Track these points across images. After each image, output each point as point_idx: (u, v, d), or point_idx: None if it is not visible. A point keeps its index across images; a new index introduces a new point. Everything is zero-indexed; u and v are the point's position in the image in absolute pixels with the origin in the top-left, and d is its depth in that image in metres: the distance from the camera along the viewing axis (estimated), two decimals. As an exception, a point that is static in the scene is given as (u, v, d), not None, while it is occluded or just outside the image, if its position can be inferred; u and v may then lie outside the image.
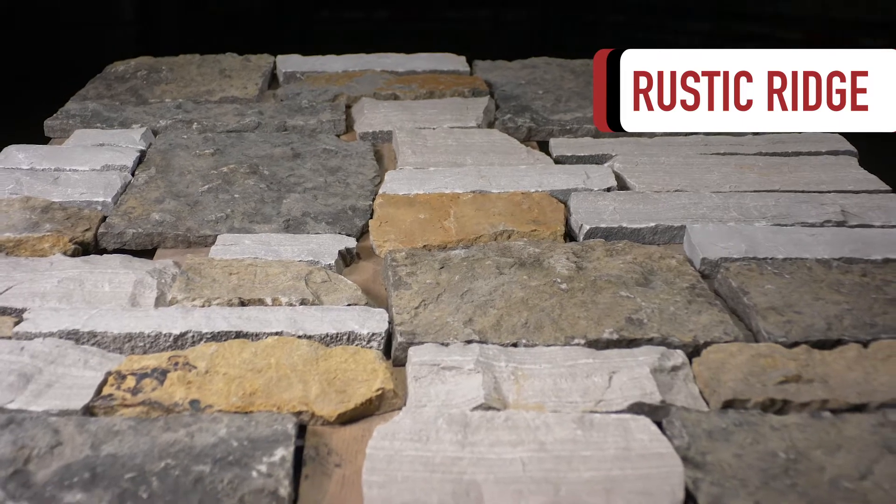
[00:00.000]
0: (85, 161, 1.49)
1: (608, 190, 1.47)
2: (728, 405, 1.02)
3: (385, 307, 1.18)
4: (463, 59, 2.05)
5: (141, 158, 1.55)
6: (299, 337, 1.09)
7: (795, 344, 1.11)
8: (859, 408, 1.02)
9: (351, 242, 1.30)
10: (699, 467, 0.92)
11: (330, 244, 1.28)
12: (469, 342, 1.09)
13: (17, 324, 1.10)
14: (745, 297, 1.20)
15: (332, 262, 1.25)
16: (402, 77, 1.92)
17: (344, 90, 1.83)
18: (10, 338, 1.07)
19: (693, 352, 1.11)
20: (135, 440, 0.93)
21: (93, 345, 1.08)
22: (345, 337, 1.09)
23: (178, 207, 1.37)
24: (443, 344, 1.09)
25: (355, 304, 1.16)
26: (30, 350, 1.04)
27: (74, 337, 1.07)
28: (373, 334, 1.09)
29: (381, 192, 1.45)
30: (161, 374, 1.03)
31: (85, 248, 1.30)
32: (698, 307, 1.17)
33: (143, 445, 0.93)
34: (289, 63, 2.00)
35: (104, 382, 1.02)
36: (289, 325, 1.10)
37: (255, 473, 0.89)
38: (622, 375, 1.04)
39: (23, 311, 1.12)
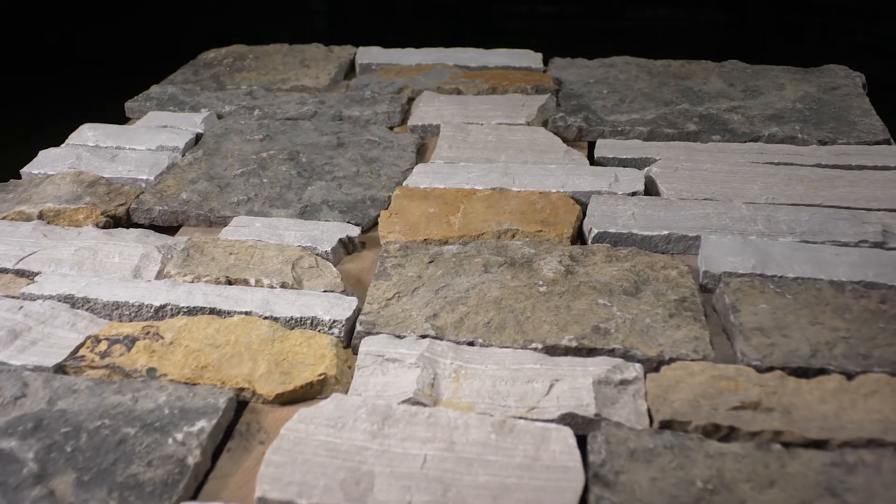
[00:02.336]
0: (143, 141, 1.61)
1: (633, 194, 1.41)
2: (666, 426, 0.97)
3: (370, 296, 1.20)
4: (539, 56, 2.02)
5: (197, 141, 1.65)
6: (266, 318, 1.14)
7: (771, 369, 1.04)
8: (818, 444, 0.95)
9: (354, 231, 1.33)
10: (608, 486, 0.88)
11: (333, 232, 1.32)
12: (424, 337, 1.09)
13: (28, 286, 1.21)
14: (732, 315, 1.12)
15: (329, 248, 1.28)
16: (472, 72, 1.93)
17: (409, 83, 1.86)
18: (17, 297, 1.19)
19: (657, 367, 1.06)
20: (87, 399, 1.01)
21: (86, 310, 1.17)
22: (308, 321, 1.13)
23: (208, 188, 1.45)
24: (398, 336, 1.10)
25: (331, 291, 1.19)
26: (27, 310, 1.15)
27: (70, 301, 1.17)
28: (334, 321, 1.12)
29: (404, 184, 1.47)
30: (130, 342, 1.10)
31: (117, 222, 1.40)
32: (679, 321, 1.12)
33: (92, 404, 1.00)
34: (367, 55, 2.04)
35: (82, 345, 1.11)
36: (260, 305, 1.15)
37: (171, 440, 0.94)
38: (563, 384, 1.01)
39: (37, 274, 1.24)
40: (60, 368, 1.08)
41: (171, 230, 1.41)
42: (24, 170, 1.54)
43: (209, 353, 1.08)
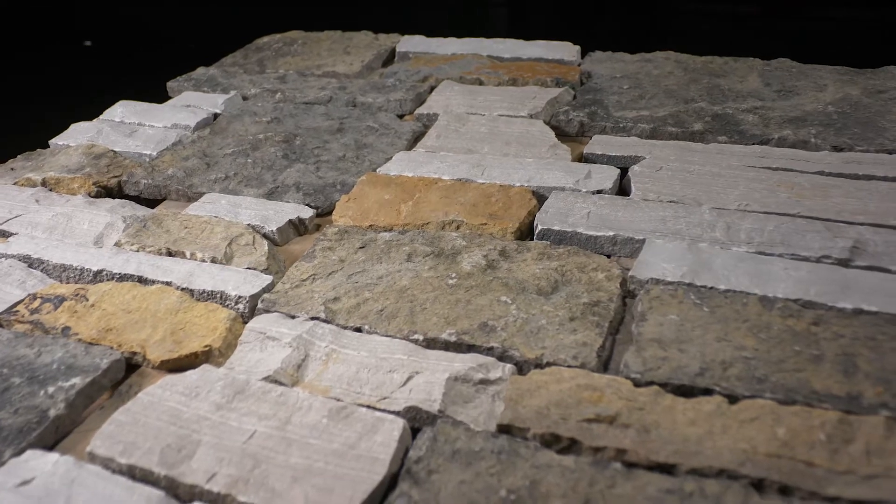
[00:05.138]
0: (163, 119, 1.71)
1: (598, 192, 1.35)
2: (505, 430, 0.93)
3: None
4: (575, 48, 1.95)
5: (213, 120, 1.73)
6: (182, 289, 1.19)
7: (651, 383, 0.97)
8: (666, 468, 0.88)
9: (307, 213, 1.36)
10: (416, 483, 0.87)
11: (286, 213, 1.35)
12: (314, 319, 1.11)
13: (0, 244, 1.33)
14: (635, 324, 1.06)
15: (276, 228, 1.32)
16: (503, 63, 1.89)
17: (434, 72, 1.86)
18: (-14, 254, 1.30)
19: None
20: (1, 349, 1.10)
21: (41, 270, 1.27)
22: (218, 295, 1.17)
23: (195, 165, 1.52)
24: (291, 316, 1.12)
25: (253, 269, 1.22)
26: (-15, 265, 1.26)
27: (28, 261, 1.27)
28: (240, 297, 1.15)
29: (377, 170, 1.48)
30: (59, 301, 1.18)
31: (108, 192, 1.50)
32: (577, 326, 1.06)
33: (1, 354, 1.09)
34: (408, 43, 2.06)
35: (21, 301, 1.20)
36: (182, 277, 1.20)
37: (43, 393, 1.01)
38: (421, 378, 0.99)
39: (14, 234, 1.35)
40: (-6, 320, 1.17)
41: (157, 203, 1.49)
42: (53, 140, 1.67)
43: (119, 318, 1.14)
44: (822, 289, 1.09)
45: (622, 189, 1.41)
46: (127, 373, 1.09)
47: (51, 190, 1.50)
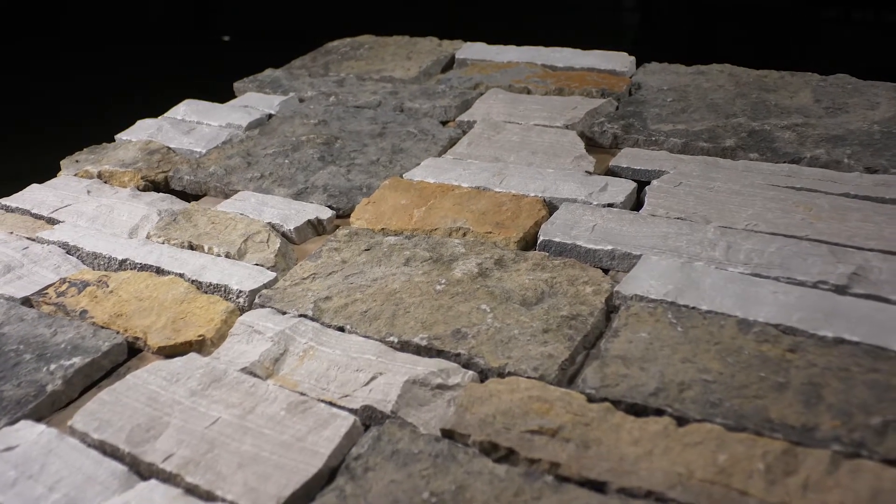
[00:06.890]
0: (219, 118, 1.80)
1: (609, 206, 1.34)
2: (448, 435, 0.95)
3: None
4: (630, 59, 1.92)
5: (266, 121, 1.81)
6: (192, 281, 1.26)
7: (604, 400, 0.97)
8: (597, 485, 0.88)
9: (326, 214, 1.41)
10: (353, 479, 0.91)
11: (306, 213, 1.41)
12: (302, 316, 1.16)
13: (48, 230, 1.45)
14: (605, 340, 1.06)
15: (293, 227, 1.38)
16: (554, 72, 1.89)
17: (485, 79, 1.88)
18: (33, 239, 1.42)
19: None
20: (23, 327, 1.21)
21: (77, 257, 1.38)
22: (222, 288, 1.24)
23: (236, 164, 1.60)
24: (281, 312, 1.17)
25: (261, 265, 1.29)
26: (29, 250, 1.38)
27: (66, 248, 1.39)
28: (240, 291, 1.22)
29: (405, 175, 1.52)
30: (83, 286, 1.29)
31: (156, 186, 1.61)
32: (549, 338, 1.07)
33: (23, 332, 1.20)
34: (467, 50, 2.08)
35: (52, 284, 1.31)
36: (194, 270, 1.28)
37: (45, 369, 1.11)
38: (383, 379, 1.03)
39: (61, 222, 1.47)
40: (27, 301, 1.28)
41: (199, 198, 1.58)
42: (118, 135, 1.80)
43: (131, 304, 1.23)
44: (807, 315, 1.05)
45: (640, 203, 1.39)
46: (130, 356, 1.17)
47: (105, 182, 1.62)
